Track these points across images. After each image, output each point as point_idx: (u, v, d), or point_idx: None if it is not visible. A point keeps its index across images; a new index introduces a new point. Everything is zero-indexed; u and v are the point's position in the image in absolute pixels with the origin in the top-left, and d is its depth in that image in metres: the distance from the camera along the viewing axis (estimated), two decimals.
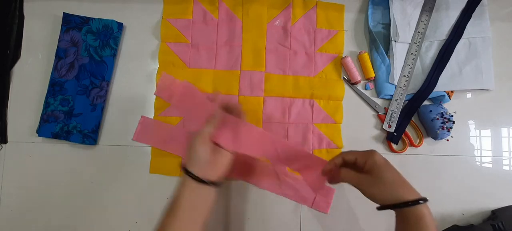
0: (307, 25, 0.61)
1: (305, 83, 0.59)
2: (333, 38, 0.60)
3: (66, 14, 0.59)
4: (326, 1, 0.61)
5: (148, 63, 0.60)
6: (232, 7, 0.61)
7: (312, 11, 0.61)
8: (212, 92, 0.59)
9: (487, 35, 0.59)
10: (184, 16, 0.60)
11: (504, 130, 0.60)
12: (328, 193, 0.57)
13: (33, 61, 0.60)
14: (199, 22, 0.60)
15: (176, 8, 0.61)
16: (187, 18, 0.60)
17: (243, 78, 0.59)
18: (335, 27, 0.61)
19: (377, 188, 0.42)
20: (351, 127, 0.59)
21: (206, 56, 0.60)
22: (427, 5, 0.60)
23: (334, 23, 0.61)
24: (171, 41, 0.60)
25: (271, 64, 0.60)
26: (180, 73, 0.59)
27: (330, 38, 0.60)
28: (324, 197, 0.57)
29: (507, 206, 0.57)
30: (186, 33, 0.60)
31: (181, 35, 0.60)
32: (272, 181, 0.57)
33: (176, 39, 0.60)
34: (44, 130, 0.57)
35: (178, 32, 0.60)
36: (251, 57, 0.59)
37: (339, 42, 0.60)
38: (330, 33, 0.61)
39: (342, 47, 0.60)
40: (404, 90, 0.58)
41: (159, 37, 0.60)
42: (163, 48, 0.60)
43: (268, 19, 0.61)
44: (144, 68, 0.60)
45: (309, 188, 0.55)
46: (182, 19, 0.60)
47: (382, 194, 0.41)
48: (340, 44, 0.60)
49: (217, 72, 0.59)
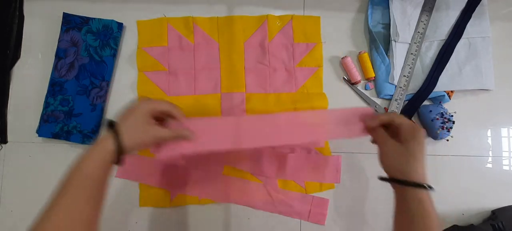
0: (284, 40, 0.60)
1: (287, 99, 0.58)
2: (311, 51, 0.60)
3: (66, 14, 0.59)
4: (301, 14, 0.61)
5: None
6: (208, 30, 0.60)
7: (288, 26, 0.60)
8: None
9: (487, 35, 0.59)
10: (160, 44, 0.59)
11: (504, 130, 0.60)
12: (323, 205, 0.57)
13: (33, 61, 0.60)
14: (175, 48, 0.59)
15: (151, 36, 0.60)
16: (163, 45, 0.59)
17: (224, 101, 0.58)
18: (313, 40, 0.60)
19: (397, 158, 0.42)
20: None
21: (185, 82, 0.59)
22: (427, 5, 0.60)
23: (311, 36, 0.60)
24: (148, 70, 0.59)
25: (251, 84, 0.59)
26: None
27: (308, 51, 0.60)
28: (319, 209, 0.57)
29: (507, 206, 0.57)
30: (162, 60, 0.59)
31: (157, 63, 0.59)
32: (265, 200, 0.57)
33: (153, 68, 0.59)
34: (44, 130, 0.57)
35: (155, 60, 0.59)
36: (230, 79, 0.59)
37: (318, 54, 0.60)
38: (308, 46, 0.60)
39: (321, 60, 0.60)
40: (404, 90, 0.58)
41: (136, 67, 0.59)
42: (140, 78, 0.59)
43: (244, 39, 0.60)
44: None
45: (302, 202, 0.56)
46: (158, 47, 0.59)
47: (398, 165, 0.42)
48: (319, 57, 0.60)
49: (198, 97, 0.58)
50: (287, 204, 0.57)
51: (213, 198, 0.56)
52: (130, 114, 0.40)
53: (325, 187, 0.58)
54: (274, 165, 0.57)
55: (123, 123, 0.39)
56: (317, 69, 0.60)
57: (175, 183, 0.56)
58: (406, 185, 0.40)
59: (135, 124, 0.40)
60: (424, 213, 0.39)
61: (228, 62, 0.59)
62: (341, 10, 0.61)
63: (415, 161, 0.41)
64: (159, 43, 0.60)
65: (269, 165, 0.57)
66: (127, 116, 0.40)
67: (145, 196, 0.57)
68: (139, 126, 0.40)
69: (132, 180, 0.57)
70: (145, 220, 0.57)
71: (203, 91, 0.59)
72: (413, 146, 0.42)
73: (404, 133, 0.43)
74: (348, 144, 0.58)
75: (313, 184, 0.58)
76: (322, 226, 0.57)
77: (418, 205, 0.39)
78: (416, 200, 0.40)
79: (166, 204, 0.56)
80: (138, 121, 0.40)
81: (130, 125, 0.40)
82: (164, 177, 0.56)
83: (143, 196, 0.57)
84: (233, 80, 0.59)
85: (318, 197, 0.57)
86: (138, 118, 0.40)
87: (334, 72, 0.60)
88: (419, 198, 0.39)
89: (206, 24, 0.60)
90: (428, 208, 0.39)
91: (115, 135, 0.38)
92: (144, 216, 0.57)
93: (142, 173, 0.57)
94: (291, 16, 0.60)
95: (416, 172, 0.41)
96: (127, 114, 0.41)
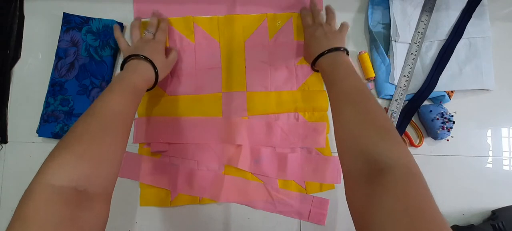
0: (285, 38, 0.60)
1: (288, 97, 0.58)
2: None
3: (66, 14, 0.59)
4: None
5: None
6: (208, 29, 0.60)
7: (288, 24, 0.60)
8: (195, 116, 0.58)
9: (487, 35, 0.59)
10: None
11: (504, 130, 0.60)
12: (323, 205, 0.57)
13: (33, 61, 0.60)
14: (176, 48, 0.59)
15: None
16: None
17: (226, 100, 0.58)
18: None
19: (312, 43, 0.52)
20: None
21: (186, 82, 0.59)
22: (427, 5, 0.60)
23: None
24: None
25: (252, 83, 0.59)
26: (160, 102, 0.58)
27: None
28: (319, 209, 0.57)
29: (507, 206, 0.57)
30: None
31: None
32: (265, 200, 0.57)
33: None
34: (44, 130, 0.57)
35: None
36: (231, 78, 0.59)
37: None
38: None
39: None
40: (404, 90, 0.58)
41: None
42: None
43: (245, 38, 0.60)
44: None
45: (303, 203, 0.57)
46: None
47: (312, 48, 0.51)
48: None
49: (199, 97, 0.58)
50: (287, 204, 0.57)
51: (213, 198, 0.56)
52: (157, 52, 0.51)
53: (326, 188, 0.58)
54: (274, 165, 0.57)
55: (155, 58, 0.50)
56: None
57: (175, 182, 0.56)
58: (320, 57, 0.48)
59: (162, 60, 0.52)
60: (346, 68, 0.45)
61: (229, 61, 0.59)
62: (341, 10, 0.61)
63: (326, 38, 0.50)
64: None
65: (269, 165, 0.57)
66: (154, 52, 0.51)
67: (145, 196, 0.57)
68: (164, 62, 0.53)
69: (133, 179, 0.57)
70: (145, 219, 0.57)
71: (204, 91, 0.59)
72: (322, 28, 0.52)
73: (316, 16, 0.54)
74: None
75: (313, 184, 0.58)
76: (322, 226, 0.57)
77: (336, 65, 0.47)
78: (332, 63, 0.47)
79: (167, 203, 0.56)
80: (163, 58, 0.53)
81: (160, 61, 0.51)
82: (165, 177, 0.56)
83: (143, 195, 0.57)
84: (234, 80, 0.59)
85: (319, 197, 0.57)
86: (161, 55, 0.52)
87: None
88: (332, 60, 0.47)
89: (206, 24, 0.60)
90: (341, 62, 0.46)
91: (154, 67, 0.49)
92: (144, 216, 0.57)
93: (142, 173, 0.57)
94: (291, 14, 0.61)
95: (327, 45, 0.49)
96: (153, 50, 0.51)
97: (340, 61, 0.47)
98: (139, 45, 0.52)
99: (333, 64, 0.47)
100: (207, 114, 0.58)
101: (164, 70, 0.53)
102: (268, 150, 0.57)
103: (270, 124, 0.58)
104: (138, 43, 0.53)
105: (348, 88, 0.42)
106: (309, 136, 0.58)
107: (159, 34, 0.55)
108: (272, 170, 0.57)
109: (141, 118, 0.58)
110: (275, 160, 0.57)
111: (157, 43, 0.53)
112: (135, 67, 0.48)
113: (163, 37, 0.55)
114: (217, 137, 0.57)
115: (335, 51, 0.49)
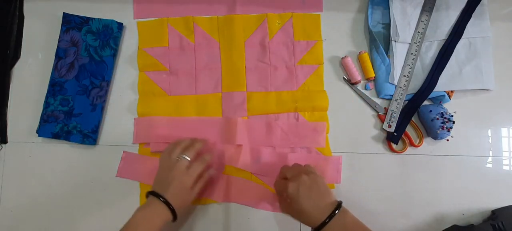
0: (285, 38, 0.60)
1: (288, 97, 0.58)
2: (312, 49, 0.60)
3: (66, 14, 0.59)
4: (301, 12, 0.61)
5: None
6: (208, 29, 0.60)
7: (288, 24, 0.60)
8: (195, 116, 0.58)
9: (487, 35, 0.59)
10: (160, 44, 0.60)
11: (504, 130, 0.60)
12: None
13: (33, 61, 0.60)
14: (176, 49, 0.60)
15: (151, 36, 0.60)
16: (164, 45, 0.60)
17: (226, 100, 0.58)
18: (313, 38, 0.60)
19: (301, 218, 0.47)
20: (351, 127, 0.59)
21: (186, 82, 0.59)
22: (427, 5, 0.60)
23: (312, 34, 0.60)
24: (149, 70, 0.59)
25: (252, 83, 0.59)
26: (160, 101, 0.58)
27: (309, 49, 0.60)
28: None
29: (507, 206, 0.57)
30: (163, 61, 0.59)
31: (158, 64, 0.59)
32: (266, 200, 0.57)
33: (154, 68, 0.59)
34: (44, 130, 0.57)
35: (156, 60, 0.59)
36: (231, 78, 0.59)
37: (318, 52, 0.60)
38: (309, 44, 0.60)
39: (322, 57, 0.60)
40: (404, 90, 0.58)
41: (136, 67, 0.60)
42: (142, 78, 0.59)
43: (245, 38, 0.60)
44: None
45: None
46: (159, 47, 0.59)
47: (307, 221, 0.46)
48: (319, 55, 0.60)
49: (199, 97, 0.59)
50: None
51: (213, 198, 0.56)
52: (182, 191, 0.47)
53: None
54: (274, 165, 0.57)
55: (177, 199, 0.47)
56: (317, 67, 0.60)
57: None
58: (324, 226, 0.43)
59: (185, 200, 0.48)
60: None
61: (229, 61, 0.59)
62: (341, 10, 0.61)
63: (304, 213, 0.45)
64: (160, 43, 0.60)
65: (269, 165, 0.57)
66: (179, 193, 0.47)
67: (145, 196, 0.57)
68: (186, 200, 0.49)
69: (133, 179, 0.57)
70: None
71: (204, 91, 0.59)
72: (296, 203, 0.45)
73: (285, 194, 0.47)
74: (349, 144, 0.58)
75: None
76: None
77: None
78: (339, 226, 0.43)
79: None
80: (187, 197, 0.48)
81: (183, 200, 0.48)
82: None
83: (143, 195, 0.57)
84: (234, 80, 0.59)
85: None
86: (186, 194, 0.48)
87: (334, 72, 0.60)
88: (342, 224, 0.43)
89: (206, 24, 0.60)
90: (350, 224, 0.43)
91: (167, 204, 0.46)
92: None
93: (142, 173, 0.57)
94: (291, 14, 0.61)
95: (315, 217, 0.44)
96: (179, 190, 0.47)
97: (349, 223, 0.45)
98: (167, 177, 0.47)
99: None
100: (207, 114, 0.58)
101: (184, 209, 0.49)
102: (268, 149, 0.57)
103: (270, 123, 0.58)
104: (167, 174, 0.48)
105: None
106: (309, 135, 0.58)
107: (196, 166, 0.49)
108: (272, 170, 0.57)
109: (141, 118, 0.58)
110: (275, 160, 0.57)
111: (188, 177, 0.48)
112: (155, 208, 0.46)
113: (198, 169, 0.49)
114: (217, 136, 0.57)
115: (336, 212, 0.44)
